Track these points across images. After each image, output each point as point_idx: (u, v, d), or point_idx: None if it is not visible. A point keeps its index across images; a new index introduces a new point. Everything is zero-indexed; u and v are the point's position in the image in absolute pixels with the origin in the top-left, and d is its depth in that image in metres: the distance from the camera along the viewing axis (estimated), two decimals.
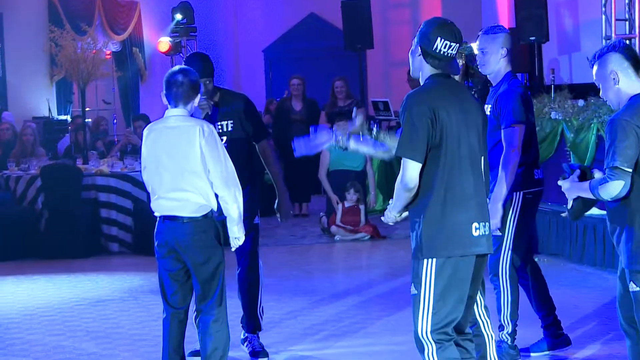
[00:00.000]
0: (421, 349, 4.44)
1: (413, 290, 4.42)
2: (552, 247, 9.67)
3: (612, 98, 4.64)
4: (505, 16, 15.40)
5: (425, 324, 4.39)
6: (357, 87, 15.13)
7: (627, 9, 11.08)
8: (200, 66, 6.19)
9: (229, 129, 6.46)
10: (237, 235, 5.49)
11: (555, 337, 6.32)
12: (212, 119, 6.41)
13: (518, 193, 5.92)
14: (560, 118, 10.10)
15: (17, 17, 15.95)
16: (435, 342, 4.37)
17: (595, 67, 4.67)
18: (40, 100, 16.37)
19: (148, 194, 11.97)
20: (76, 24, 14.69)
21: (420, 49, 4.48)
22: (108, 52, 15.63)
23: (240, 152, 6.38)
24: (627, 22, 11.10)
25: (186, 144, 5.34)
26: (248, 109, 6.53)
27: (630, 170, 4.46)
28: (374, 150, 5.07)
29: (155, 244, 5.51)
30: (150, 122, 14.18)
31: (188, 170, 5.36)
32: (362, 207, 11.68)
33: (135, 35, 17.86)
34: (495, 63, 5.99)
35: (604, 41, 10.90)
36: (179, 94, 5.39)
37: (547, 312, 6.34)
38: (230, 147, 6.18)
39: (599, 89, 4.69)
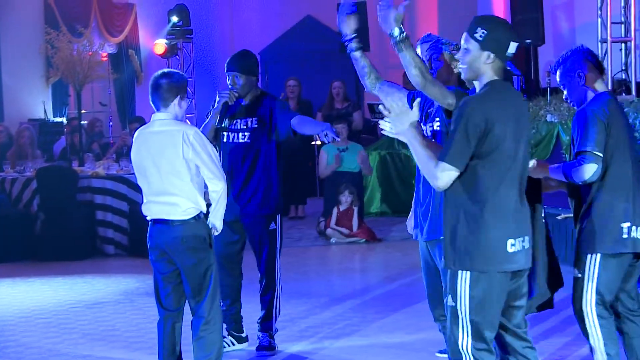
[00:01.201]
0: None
1: (450, 302, 4.32)
2: None
3: (575, 99, 4.93)
4: None
5: (465, 337, 4.28)
6: (353, 89, 15.15)
7: (622, 11, 11.09)
8: (231, 60, 6.58)
9: (253, 125, 6.56)
10: (217, 228, 5.52)
11: None
12: (237, 114, 6.52)
13: None
14: (556, 121, 10.11)
15: (13, 18, 15.93)
16: (474, 358, 4.28)
17: (559, 71, 4.92)
18: (36, 102, 16.35)
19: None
20: (72, 26, 14.68)
21: (495, 56, 4.23)
22: (104, 54, 15.62)
23: (259, 151, 6.53)
24: (622, 25, 11.12)
25: (170, 148, 5.39)
26: (279, 103, 6.65)
27: (602, 154, 4.63)
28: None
29: (148, 246, 5.54)
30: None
31: (173, 174, 5.40)
32: (355, 208, 11.67)
33: (131, 38, 17.85)
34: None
35: (599, 44, 10.92)
36: (157, 97, 5.47)
37: None
38: (250, 145, 6.45)
39: (563, 90, 4.94)
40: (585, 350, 6.09)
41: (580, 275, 5.00)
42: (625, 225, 4.93)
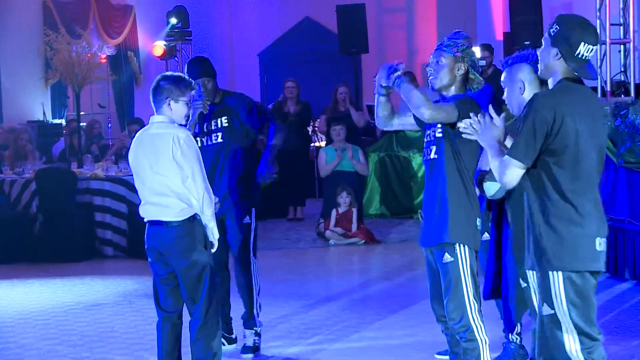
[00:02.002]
0: None
1: (547, 310, 4.19)
2: None
3: (514, 104, 4.97)
4: (500, 21, 15.43)
5: (573, 343, 4.18)
6: (352, 91, 15.13)
7: (621, 13, 11.09)
8: (197, 67, 6.52)
9: (224, 124, 6.60)
10: (212, 232, 5.53)
11: None
12: (206, 117, 6.55)
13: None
14: None
15: (12, 20, 15.93)
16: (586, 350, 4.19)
17: (505, 72, 5.01)
18: (35, 104, 16.35)
19: None
20: (71, 28, 14.69)
21: (560, 53, 4.20)
22: (103, 56, 15.63)
23: (235, 148, 6.59)
24: (621, 27, 11.12)
25: (161, 150, 5.42)
26: (243, 102, 6.65)
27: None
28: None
29: (145, 248, 5.59)
30: (144, 126, 14.22)
31: (165, 175, 5.43)
32: (354, 210, 11.66)
33: (130, 39, 17.86)
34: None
35: (598, 46, 10.91)
36: (153, 100, 5.54)
37: None
38: (225, 143, 6.50)
39: (503, 91, 5.00)
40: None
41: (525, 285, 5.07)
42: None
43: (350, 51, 15.48)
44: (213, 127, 6.61)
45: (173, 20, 17.36)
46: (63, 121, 16.28)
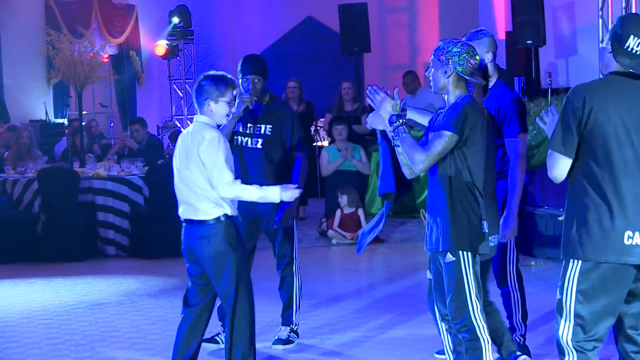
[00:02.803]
0: (561, 354, 4.35)
1: (558, 295, 4.32)
2: (548, 251, 9.68)
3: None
4: (502, 20, 15.42)
5: (567, 330, 4.28)
6: (355, 90, 15.13)
7: (624, 12, 11.08)
8: (249, 64, 6.65)
9: (267, 133, 6.65)
10: (280, 198, 5.49)
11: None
12: (251, 117, 6.58)
13: None
14: None
15: (15, 20, 15.94)
16: (577, 351, 4.26)
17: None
18: (37, 103, 16.37)
19: (145, 197, 12.05)
20: (73, 27, 14.70)
21: (612, 46, 4.28)
22: (105, 55, 15.64)
23: (273, 157, 6.66)
24: None
25: (191, 150, 5.48)
26: (291, 120, 6.73)
27: None
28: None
29: (182, 249, 5.63)
30: (146, 125, 14.21)
31: (194, 174, 5.47)
32: (360, 211, 11.66)
33: (132, 39, 17.88)
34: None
35: (600, 45, 10.92)
36: (195, 100, 5.65)
37: None
38: (264, 151, 6.57)
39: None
40: None
41: None
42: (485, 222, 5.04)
43: (353, 51, 15.48)
44: (256, 132, 6.65)
45: (175, 20, 17.37)
46: (65, 121, 16.29)
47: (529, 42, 12.45)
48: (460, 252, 4.92)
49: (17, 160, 12.21)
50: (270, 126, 6.67)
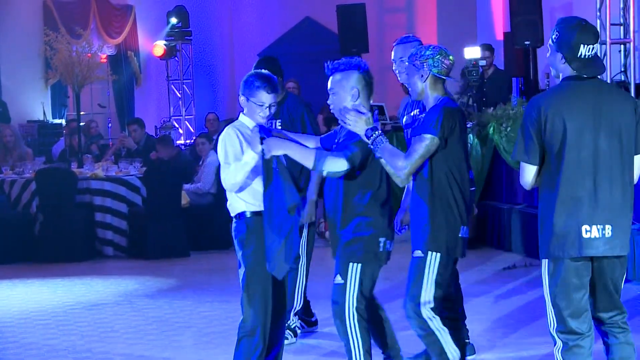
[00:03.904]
0: (553, 343, 4.58)
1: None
2: None
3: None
4: (500, 21, 15.43)
5: (552, 322, 4.52)
6: None
7: (621, 13, 11.09)
8: (259, 64, 6.68)
9: (277, 127, 6.65)
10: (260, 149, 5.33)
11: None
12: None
13: None
14: None
15: (12, 20, 15.94)
16: (562, 341, 4.51)
17: (335, 76, 5.17)
18: (35, 104, 16.36)
19: (143, 197, 12.03)
20: (71, 28, 14.69)
21: (564, 57, 4.47)
22: (103, 55, 15.62)
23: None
24: (621, 27, 11.12)
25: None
26: (301, 115, 6.75)
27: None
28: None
29: None
30: (144, 126, 14.19)
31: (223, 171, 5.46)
32: None
33: (130, 39, 17.87)
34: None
35: (599, 46, 10.91)
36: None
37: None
38: None
39: (330, 94, 5.21)
40: None
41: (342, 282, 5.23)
42: (382, 239, 5.20)
43: (351, 51, 15.44)
44: (278, 126, 6.65)
45: (173, 20, 17.36)
46: (63, 121, 16.29)
47: (527, 42, 12.44)
48: (430, 252, 5.05)
49: (3, 159, 12.18)
50: (280, 121, 6.70)
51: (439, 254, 5.05)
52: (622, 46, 11.15)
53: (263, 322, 5.38)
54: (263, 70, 5.59)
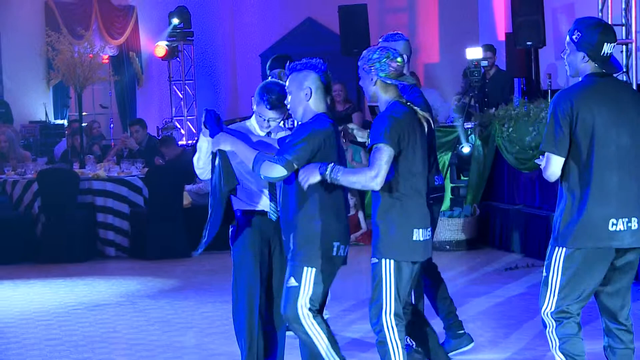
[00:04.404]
0: (545, 327, 4.71)
1: (544, 273, 4.69)
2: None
3: (298, 110, 5.10)
4: (502, 21, 15.42)
5: (549, 305, 4.65)
6: (354, 91, 15.12)
7: (623, 13, 11.07)
8: (273, 61, 6.82)
9: (292, 126, 6.64)
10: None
11: (455, 337, 6.35)
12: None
13: None
14: None
15: (14, 21, 15.95)
16: (555, 320, 4.64)
17: (292, 76, 5.12)
18: (37, 105, 16.38)
19: (145, 198, 12.05)
20: (73, 28, 14.71)
21: (588, 55, 4.63)
22: (105, 56, 15.64)
23: None
24: (623, 27, 11.11)
25: None
26: None
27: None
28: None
29: None
30: (146, 127, 14.20)
31: None
32: (360, 213, 11.65)
33: (132, 40, 17.88)
34: None
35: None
36: None
37: (446, 314, 6.38)
38: None
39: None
40: None
41: (296, 284, 5.13)
42: (336, 244, 5.16)
43: (352, 52, 15.44)
44: (286, 127, 6.58)
45: (175, 21, 17.37)
46: (65, 122, 16.31)
47: (528, 43, 12.44)
48: (383, 258, 5.00)
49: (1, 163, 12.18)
50: (294, 120, 6.65)
51: (392, 260, 4.98)
52: (624, 47, 11.14)
53: (248, 322, 5.49)
54: (278, 82, 5.55)
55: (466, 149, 11.37)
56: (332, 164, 4.93)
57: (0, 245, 10.74)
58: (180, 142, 15.94)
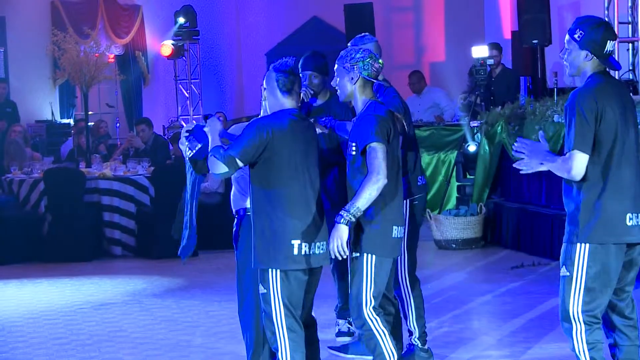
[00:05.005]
0: (569, 329, 4.65)
1: (564, 272, 4.65)
2: (555, 252, 9.66)
3: (267, 109, 5.17)
4: (507, 20, 15.41)
5: (577, 304, 4.61)
6: None
7: (629, 11, 11.07)
8: (305, 61, 6.58)
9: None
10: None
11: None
12: (305, 108, 6.51)
13: (405, 201, 5.86)
14: (563, 121, 10.09)
15: (20, 20, 15.97)
16: (585, 324, 4.61)
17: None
18: (43, 104, 16.40)
19: (151, 197, 12.05)
20: (79, 28, 14.70)
21: (592, 53, 4.66)
22: (111, 55, 15.64)
23: (325, 157, 6.36)
24: (629, 25, 11.11)
25: None
26: (343, 114, 6.46)
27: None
28: None
29: None
30: (152, 126, 14.19)
31: None
32: None
33: (137, 39, 17.88)
34: None
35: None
36: None
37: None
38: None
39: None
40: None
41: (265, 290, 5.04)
42: (296, 242, 4.95)
43: None
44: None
45: (181, 20, 17.37)
46: (71, 121, 16.31)
47: (534, 41, 12.41)
48: (365, 253, 5.02)
49: (10, 161, 12.19)
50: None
51: (373, 256, 5.04)
52: (630, 44, 11.14)
53: (254, 320, 5.48)
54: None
55: (472, 148, 11.37)
56: (346, 212, 4.91)
57: (7, 244, 10.75)
58: None
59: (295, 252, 4.94)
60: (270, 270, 4.97)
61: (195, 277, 9.73)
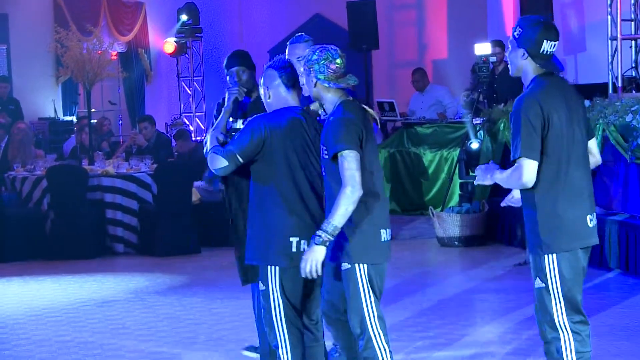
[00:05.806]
0: (556, 338, 4.55)
1: (539, 284, 4.55)
2: None
3: (268, 108, 5.09)
4: (510, 17, 15.40)
5: (559, 312, 4.53)
6: (362, 87, 15.13)
7: (632, 9, 11.05)
8: (229, 59, 6.36)
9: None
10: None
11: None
12: (241, 108, 6.35)
13: None
14: None
15: (23, 17, 15.99)
16: (572, 332, 4.54)
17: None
18: (46, 101, 16.42)
19: (153, 194, 12.07)
20: (82, 25, 14.71)
21: (527, 52, 4.58)
22: (114, 53, 15.66)
23: None
24: (632, 23, 11.08)
25: None
26: None
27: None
28: None
29: None
30: (155, 123, 14.19)
31: None
32: None
33: (140, 36, 17.90)
34: None
35: (609, 41, 10.89)
36: None
37: None
38: None
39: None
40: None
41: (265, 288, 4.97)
42: (294, 239, 4.88)
43: (361, 48, 15.46)
44: (239, 126, 6.38)
45: (184, 17, 17.39)
46: (74, 118, 16.33)
47: None
48: (357, 264, 4.78)
49: (13, 158, 12.18)
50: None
51: (365, 265, 4.81)
52: (633, 42, 11.12)
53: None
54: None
55: (475, 145, 11.36)
56: (322, 230, 4.63)
57: (10, 242, 10.77)
58: None
59: (294, 249, 4.88)
60: (269, 267, 4.94)
61: (198, 274, 9.73)
